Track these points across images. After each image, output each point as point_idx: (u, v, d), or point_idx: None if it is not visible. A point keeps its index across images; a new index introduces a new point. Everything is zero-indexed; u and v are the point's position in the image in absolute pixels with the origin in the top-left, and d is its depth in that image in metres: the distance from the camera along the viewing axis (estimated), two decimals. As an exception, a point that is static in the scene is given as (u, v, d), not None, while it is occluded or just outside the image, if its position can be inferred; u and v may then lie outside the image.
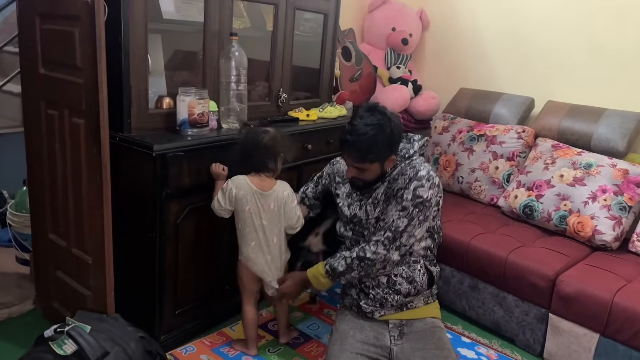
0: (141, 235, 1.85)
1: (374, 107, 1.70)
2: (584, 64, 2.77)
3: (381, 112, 1.67)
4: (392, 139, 1.67)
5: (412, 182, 1.67)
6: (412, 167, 1.71)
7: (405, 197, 1.66)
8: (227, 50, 2.00)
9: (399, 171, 1.73)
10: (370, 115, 1.66)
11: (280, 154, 1.89)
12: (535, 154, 2.63)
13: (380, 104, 1.72)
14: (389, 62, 3.35)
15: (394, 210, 1.68)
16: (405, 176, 1.69)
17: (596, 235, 2.26)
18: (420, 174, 1.68)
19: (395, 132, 1.67)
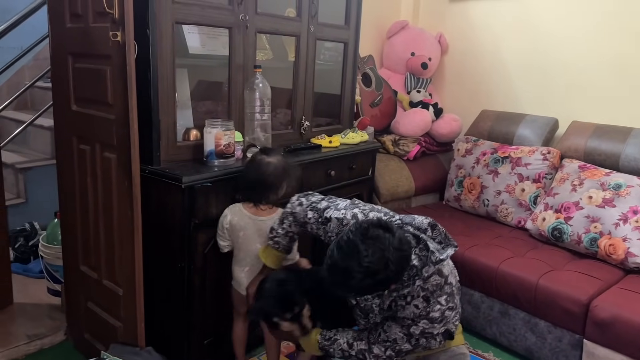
0: (170, 266, 1.87)
1: (367, 233, 1.28)
2: (607, 83, 2.75)
3: (377, 249, 1.26)
4: (388, 281, 1.33)
5: (422, 321, 1.45)
6: (424, 296, 1.43)
7: (413, 330, 1.47)
8: (252, 82, 2.04)
9: (409, 292, 1.43)
10: (362, 249, 1.26)
11: (284, 183, 1.85)
12: (562, 175, 2.59)
13: (379, 223, 1.31)
14: (409, 87, 3.37)
15: (399, 331, 1.49)
16: (415, 308, 1.44)
17: (629, 258, 2.20)
18: (432, 315, 1.44)
19: (392, 275, 1.30)
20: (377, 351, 1.52)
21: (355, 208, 1.55)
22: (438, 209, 3.04)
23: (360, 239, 1.27)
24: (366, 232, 1.28)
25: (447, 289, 1.44)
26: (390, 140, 3.17)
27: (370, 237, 1.27)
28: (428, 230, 1.41)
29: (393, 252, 1.27)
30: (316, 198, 1.69)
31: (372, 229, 1.29)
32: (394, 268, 1.28)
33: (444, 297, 1.43)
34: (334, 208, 1.59)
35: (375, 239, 1.27)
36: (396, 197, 3.04)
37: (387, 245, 1.26)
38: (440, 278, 1.43)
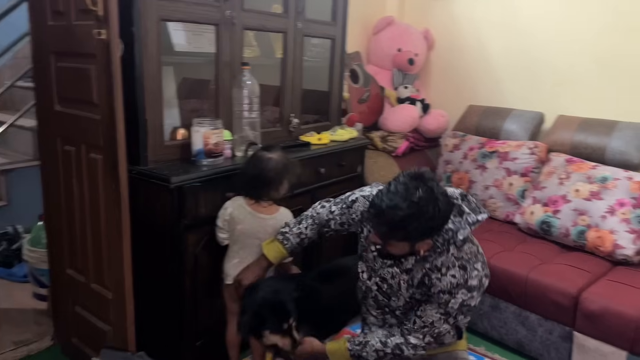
0: (160, 268, 1.84)
1: (421, 177, 1.34)
2: (593, 77, 2.77)
3: (428, 188, 1.31)
4: (431, 224, 1.34)
5: (460, 291, 1.43)
6: (461, 264, 1.43)
7: (451, 305, 1.44)
8: (239, 79, 2.01)
9: (443, 261, 1.44)
10: (412, 187, 1.31)
11: (285, 180, 1.84)
12: (549, 169, 2.61)
13: (429, 173, 1.35)
14: (396, 82, 3.36)
15: (435, 312, 1.47)
16: (452, 277, 1.43)
17: (617, 250, 2.23)
18: (470, 283, 1.43)
19: (438, 217, 1.33)
20: (414, 341, 1.49)
21: (380, 186, 1.54)
22: (427, 204, 3.04)
23: (409, 180, 1.32)
24: (415, 176, 1.33)
25: (481, 257, 1.47)
26: (379, 137, 3.16)
27: (419, 179, 1.32)
28: (459, 199, 1.45)
29: (441, 195, 1.32)
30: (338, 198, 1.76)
31: (424, 176, 1.34)
32: (443, 208, 1.32)
33: (479, 263, 1.45)
34: (358, 192, 1.68)
35: (424, 181, 1.32)
36: (385, 193, 3.03)
37: (436, 187, 1.32)
38: (474, 245, 1.47)
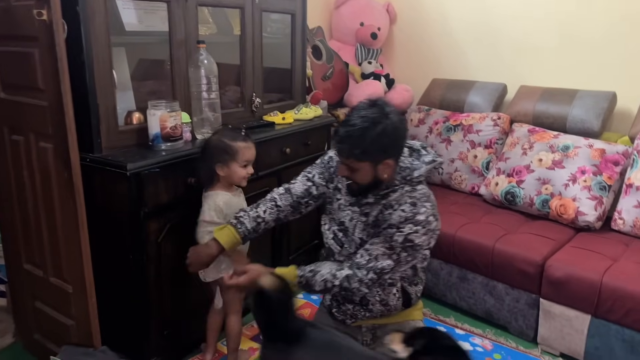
0: (122, 258, 1.77)
1: (375, 101, 1.52)
2: (554, 47, 2.79)
3: (379, 107, 1.48)
4: (385, 138, 1.46)
5: (407, 225, 1.51)
6: (412, 202, 1.53)
7: (396, 239, 1.51)
8: (196, 58, 1.93)
9: (397, 198, 1.55)
10: (367, 108, 1.49)
11: (215, 158, 1.77)
12: (512, 140, 2.64)
13: (383, 99, 1.53)
14: (360, 58, 3.32)
15: (381, 246, 1.53)
16: (401, 212, 1.52)
17: (579, 217, 2.28)
18: (417, 217, 1.51)
19: (389, 131, 1.45)
20: (360, 275, 1.55)
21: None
22: (394, 180, 3.05)
23: (364, 105, 1.50)
24: (370, 102, 1.51)
25: (433, 199, 1.58)
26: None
27: (373, 103, 1.50)
28: (418, 147, 1.63)
29: (393, 113, 1.49)
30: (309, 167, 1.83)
31: (380, 100, 1.52)
32: (391, 129, 1.46)
33: (428, 203, 1.55)
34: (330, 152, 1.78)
35: (377, 105, 1.49)
36: (352, 170, 3.01)
37: (387, 111, 1.48)
38: (427, 190, 1.59)
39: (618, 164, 2.31)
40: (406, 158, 1.60)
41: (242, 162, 1.78)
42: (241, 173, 1.79)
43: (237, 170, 1.78)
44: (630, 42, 2.54)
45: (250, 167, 1.83)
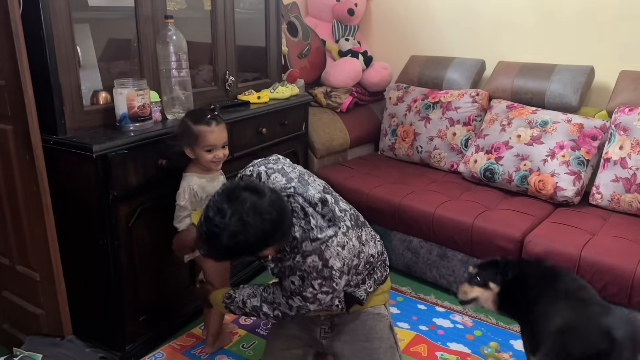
0: (91, 244, 1.71)
1: (242, 191, 1.27)
2: (532, 22, 2.76)
3: (237, 214, 1.24)
4: (251, 245, 1.28)
5: (296, 297, 1.44)
6: (301, 277, 1.41)
7: (291, 303, 1.46)
8: (164, 34, 1.85)
9: (291, 266, 1.42)
10: (223, 212, 1.25)
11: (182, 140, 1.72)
12: (491, 117, 2.62)
13: (252, 185, 1.31)
14: (337, 35, 3.25)
15: (282, 297, 1.48)
16: (291, 284, 1.43)
17: (558, 192, 2.28)
18: (305, 294, 1.41)
19: (251, 241, 1.26)
20: (266, 310, 1.52)
21: (262, 166, 1.51)
22: (374, 159, 3.02)
23: (225, 200, 1.26)
24: (231, 194, 1.27)
25: (326, 272, 1.37)
26: (322, 93, 3.07)
27: (233, 199, 1.25)
28: (318, 205, 1.37)
29: (253, 216, 1.24)
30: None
31: (238, 191, 1.27)
32: (253, 232, 1.25)
33: (318, 280, 1.38)
34: (251, 165, 1.56)
35: (237, 202, 1.25)
36: (332, 150, 2.97)
37: (248, 208, 1.24)
38: (319, 260, 1.36)
39: (596, 138, 2.31)
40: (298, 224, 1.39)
41: (204, 147, 1.71)
42: (206, 157, 1.72)
43: (202, 154, 1.71)
44: (608, 16, 2.52)
45: (220, 151, 1.76)
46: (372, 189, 2.55)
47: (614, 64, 2.49)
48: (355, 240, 1.45)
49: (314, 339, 1.62)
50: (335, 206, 1.44)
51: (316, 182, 1.49)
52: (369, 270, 1.58)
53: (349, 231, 1.42)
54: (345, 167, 2.87)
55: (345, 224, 1.42)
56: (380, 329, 1.61)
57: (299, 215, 1.38)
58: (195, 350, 1.94)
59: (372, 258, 1.57)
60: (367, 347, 1.57)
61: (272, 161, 1.54)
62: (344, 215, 1.45)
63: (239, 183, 1.34)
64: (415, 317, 2.17)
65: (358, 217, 1.56)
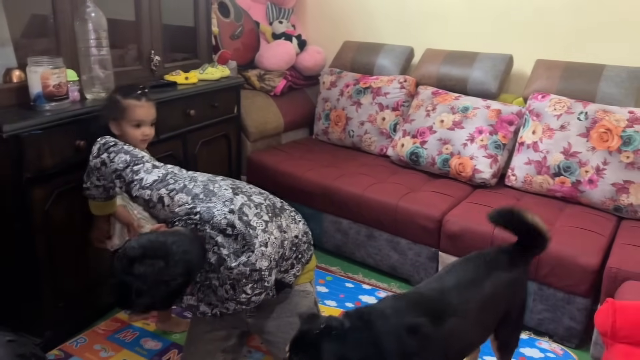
0: (5, 228, 1.65)
1: (139, 264, 1.22)
2: (459, 12, 2.86)
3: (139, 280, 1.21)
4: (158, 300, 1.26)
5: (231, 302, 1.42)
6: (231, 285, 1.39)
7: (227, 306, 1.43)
8: (82, 11, 1.79)
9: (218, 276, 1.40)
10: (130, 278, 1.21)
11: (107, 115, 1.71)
12: (417, 102, 2.71)
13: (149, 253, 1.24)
14: (271, 17, 3.23)
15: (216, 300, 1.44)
16: (225, 292, 1.41)
17: (476, 174, 2.40)
18: (239, 299, 1.40)
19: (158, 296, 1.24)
20: (204, 309, 1.47)
21: (162, 188, 1.43)
22: (307, 143, 3.05)
23: (128, 273, 1.22)
24: (128, 268, 1.22)
25: (255, 275, 1.37)
26: (256, 75, 3.06)
27: (136, 275, 1.22)
28: (227, 230, 1.35)
29: (159, 286, 1.23)
30: (119, 159, 1.50)
31: (136, 265, 1.22)
32: (165, 295, 1.25)
33: (249, 285, 1.38)
34: (138, 184, 1.45)
35: (139, 277, 1.22)
36: (265, 134, 2.98)
37: (152, 281, 1.22)
38: (244, 267, 1.35)
39: (512, 123, 2.45)
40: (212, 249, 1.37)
41: (132, 121, 1.68)
42: (134, 134, 1.69)
43: (128, 130, 1.68)
44: (527, 7, 2.66)
45: (146, 129, 1.74)
46: (304, 173, 2.59)
47: (531, 52, 2.64)
48: (276, 231, 1.45)
49: (238, 319, 1.63)
50: (248, 210, 1.39)
51: (222, 189, 1.44)
52: (296, 254, 1.59)
53: (268, 225, 1.41)
54: (279, 151, 2.88)
55: (262, 220, 1.40)
56: (305, 304, 1.64)
57: (210, 242, 1.35)
58: (119, 334, 1.92)
59: (297, 239, 1.59)
60: (292, 322, 1.57)
61: (169, 178, 1.45)
62: (260, 211, 1.43)
63: (134, 254, 1.23)
64: (342, 295, 2.24)
65: (274, 206, 1.54)
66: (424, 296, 1.34)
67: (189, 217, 1.36)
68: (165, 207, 1.41)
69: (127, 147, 1.54)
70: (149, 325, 1.98)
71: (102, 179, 1.55)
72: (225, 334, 1.62)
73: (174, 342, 1.90)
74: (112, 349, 1.84)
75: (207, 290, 1.42)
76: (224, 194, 1.41)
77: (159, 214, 1.44)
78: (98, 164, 1.53)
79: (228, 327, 1.62)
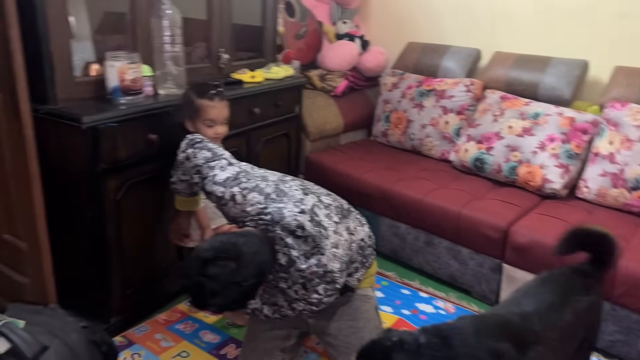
0: (79, 216, 1.71)
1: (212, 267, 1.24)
2: (529, 13, 2.75)
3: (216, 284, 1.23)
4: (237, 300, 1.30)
5: (300, 302, 1.42)
6: (302, 285, 1.38)
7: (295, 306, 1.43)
8: (158, 8, 1.83)
9: (288, 277, 1.39)
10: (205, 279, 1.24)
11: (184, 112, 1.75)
12: (484, 107, 2.62)
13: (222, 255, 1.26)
14: (335, 17, 3.22)
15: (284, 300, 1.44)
16: (295, 292, 1.41)
17: (546, 184, 2.30)
18: (310, 300, 1.39)
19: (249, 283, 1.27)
20: (267, 312, 1.48)
21: (235, 186, 1.45)
22: (366, 144, 3.02)
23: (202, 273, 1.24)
24: (201, 269, 1.24)
25: (328, 277, 1.36)
26: (317, 76, 3.06)
27: (210, 276, 1.23)
28: (297, 231, 1.34)
29: (232, 287, 1.25)
30: (201, 155, 1.55)
31: (209, 266, 1.24)
32: (237, 296, 1.27)
33: (322, 286, 1.37)
34: (212, 180, 1.48)
35: (212, 278, 1.23)
36: (324, 134, 2.97)
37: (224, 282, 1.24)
38: (318, 268, 1.35)
39: (587, 132, 2.32)
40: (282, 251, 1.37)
41: (205, 121, 1.72)
42: (206, 133, 1.72)
43: (202, 128, 1.72)
44: (605, 11, 2.51)
45: (219, 127, 1.78)
46: (363, 174, 2.56)
47: (609, 59, 2.50)
48: (345, 233, 1.45)
49: (299, 319, 1.62)
50: (319, 211, 1.39)
51: (293, 189, 1.44)
52: (361, 257, 1.57)
53: (338, 227, 1.41)
54: (338, 152, 2.87)
55: (333, 222, 1.40)
56: (366, 309, 1.63)
57: (280, 243, 1.35)
58: (179, 325, 1.96)
59: (362, 242, 1.58)
60: (352, 326, 1.58)
61: (242, 177, 1.47)
62: (330, 212, 1.42)
63: (207, 255, 1.25)
64: (398, 301, 2.20)
65: (342, 207, 1.53)
66: (506, 320, 1.27)
67: (260, 217, 1.37)
68: (237, 205, 1.42)
69: (210, 144, 1.59)
70: (208, 317, 2.01)
71: (186, 173, 1.60)
72: (285, 333, 1.62)
73: (232, 337, 1.92)
74: (172, 339, 1.88)
75: (274, 290, 1.42)
76: (294, 194, 1.41)
77: (229, 212, 1.46)
78: (183, 159, 1.59)
79: (289, 327, 1.62)
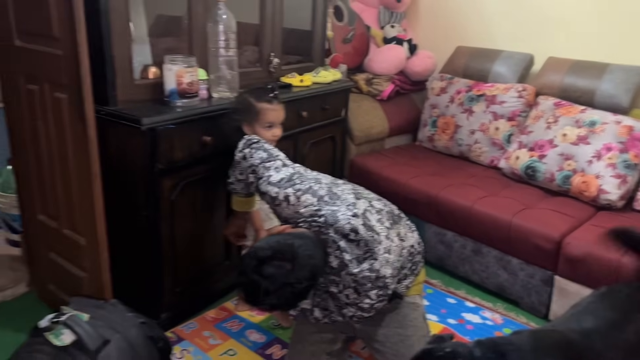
0: (135, 214, 1.77)
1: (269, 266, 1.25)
2: (584, 18, 2.67)
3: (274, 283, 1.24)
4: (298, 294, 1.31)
5: (351, 308, 1.43)
6: (355, 289, 1.39)
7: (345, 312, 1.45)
8: (215, 13, 1.87)
9: (340, 281, 1.40)
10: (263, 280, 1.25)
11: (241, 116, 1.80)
12: (536, 113, 2.55)
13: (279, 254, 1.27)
14: (382, 21, 3.21)
15: (334, 305, 1.46)
16: (346, 297, 1.41)
17: (601, 195, 2.21)
18: (361, 306, 1.40)
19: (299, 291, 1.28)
20: (317, 314, 1.48)
21: (289, 187, 1.47)
22: (411, 149, 3.00)
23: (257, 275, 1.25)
24: (257, 268, 1.25)
25: (380, 282, 1.36)
26: (364, 79, 3.05)
27: (265, 275, 1.25)
28: (350, 235, 1.34)
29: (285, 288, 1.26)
30: (257, 155, 1.61)
31: (265, 266, 1.25)
32: (292, 297, 1.29)
33: (374, 291, 1.37)
34: (266, 181, 1.53)
35: (267, 278, 1.25)
36: (370, 138, 2.96)
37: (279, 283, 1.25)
38: (370, 273, 1.35)
39: (646, 142, 2.23)
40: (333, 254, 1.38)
41: (264, 124, 1.76)
42: (264, 135, 1.76)
43: (259, 131, 1.77)
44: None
45: (277, 129, 1.82)
46: (408, 180, 2.54)
47: (672, 65, 2.39)
48: (397, 238, 1.45)
49: (346, 324, 1.62)
50: (370, 216, 1.39)
51: (345, 192, 1.44)
52: (411, 264, 1.57)
53: (389, 232, 1.41)
54: (383, 156, 2.86)
55: (385, 227, 1.41)
56: (414, 317, 1.62)
57: (333, 246, 1.36)
58: (226, 323, 1.99)
59: (412, 248, 1.57)
60: (400, 334, 1.58)
61: (296, 178, 1.49)
62: (382, 217, 1.43)
63: (263, 254, 1.27)
64: (444, 310, 2.17)
65: (393, 213, 1.53)
66: (565, 337, 1.23)
67: (314, 219, 1.38)
68: (290, 206, 1.44)
69: (267, 145, 1.63)
70: (254, 317, 2.04)
71: (243, 173, 1.64)
72: (331, 337, 1.62)
73: (277, 337, 1.94)
74: (219, 337, 1.92)
75: (324, 295, 1.43)
76: (347, 198, 1.41)
77: (282, 212, 1.48)
78: (240, 158, 1.63)
79: (335, 331, 1.62)
